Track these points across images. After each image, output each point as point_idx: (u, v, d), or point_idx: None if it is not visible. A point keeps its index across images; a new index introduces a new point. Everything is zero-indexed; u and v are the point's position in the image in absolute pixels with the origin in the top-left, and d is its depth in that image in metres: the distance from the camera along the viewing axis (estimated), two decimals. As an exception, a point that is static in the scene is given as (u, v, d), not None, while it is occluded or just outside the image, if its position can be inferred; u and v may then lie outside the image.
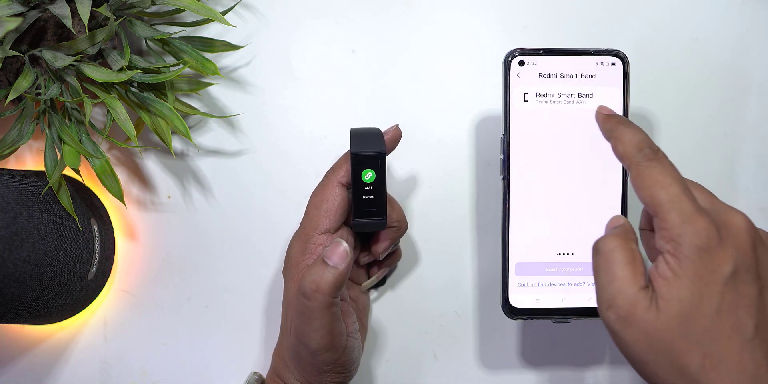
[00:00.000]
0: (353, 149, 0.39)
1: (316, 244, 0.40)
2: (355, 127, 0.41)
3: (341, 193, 0.40)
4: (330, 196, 0.40)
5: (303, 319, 0.38)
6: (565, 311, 0.41)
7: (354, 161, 0.39)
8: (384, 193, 0.39)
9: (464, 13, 0.48)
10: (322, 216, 0.40)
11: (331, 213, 0.40)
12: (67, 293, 0.43)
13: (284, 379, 0.41)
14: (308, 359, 0.39)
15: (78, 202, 0.44)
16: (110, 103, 0.41)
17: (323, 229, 0.40)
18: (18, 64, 0.42)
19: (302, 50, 0.48)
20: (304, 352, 0.39)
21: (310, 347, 0.38)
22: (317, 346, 0.38)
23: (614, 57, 0.41)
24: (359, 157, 0.39)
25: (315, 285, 0.37)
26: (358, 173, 0.39)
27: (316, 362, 0.39)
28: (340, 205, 0.40)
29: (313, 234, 0.40)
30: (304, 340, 0.38)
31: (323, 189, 0.40)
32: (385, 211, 0.40)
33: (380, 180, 0.39)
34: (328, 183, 0.40)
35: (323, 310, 0.37)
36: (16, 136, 0.42)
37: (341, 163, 0.41)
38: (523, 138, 0.41)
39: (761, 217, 0.48)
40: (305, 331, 0.38)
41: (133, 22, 0.42)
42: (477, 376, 0.48)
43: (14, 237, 0.38)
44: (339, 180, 0.40)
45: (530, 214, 0.41)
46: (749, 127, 0.48)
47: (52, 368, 0.48)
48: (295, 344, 0.39)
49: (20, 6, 0.39)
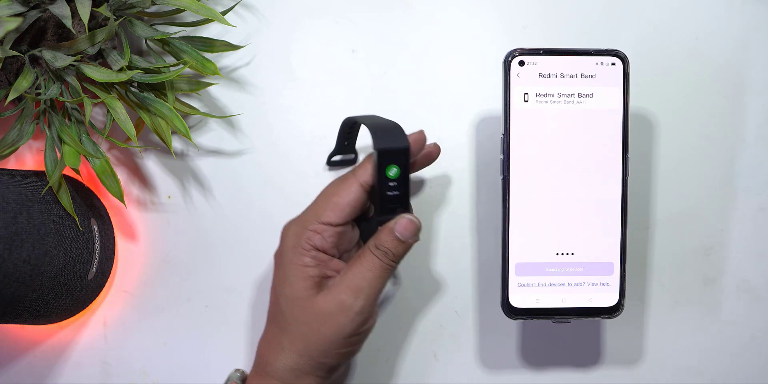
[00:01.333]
0: (377, 145, 0.38)
1: (314, 231, 0.39)
2: (366, 119, 0.40)
3: (357, 191, 0.39)
4: (344, 191, 0.39)
5: (363, 271, 0.39)
6: (566, 311, 0.41)
7: (379, 156, 0.38)
8: (408, 189, 0.39)
9: (464, 13, 0.48)
10: (330, 207, 0.39)
11: (339, 207, 0.39)
12: (67, 293, 0.43)
13: (270, 367, 0.40)
14: (340, 322, 0.38)
15: (78, 202, 0.44)
16: (110, 103, 0.41)
17: (326, 220, 0.39)
18: (18, 64, 0.42)
19: (302, 50, 0.48)
20: (348, 310, 0.38)
21: (362, 303, 0.38)
22: (365, 303, 0.38)
23: (614, 57, 0.41)
24: (384, 152, 0.38)
25: (394, 256, 0.39)
26: (383, 168, 0.38)
27: (343, 328, 0.38)
28: (350, 202, 0.39)
29: (313, 221, 0.39)
30: (362, 295, 0.38)
31: (341, 183, 0.40)
32: (410, 206, 0.39)
33: (404, 175, 0.38)
34: (347, 178, 0.40)
35: (390, 272, 0.39)
36: (16, 136, 0.42)
37: (365, 164, 0.40)
38: (523, 138, 0.41)
39: (761, 217, 0.48)
40: (365, 287, 0.38)
41: (133, 22, 0.42)
42: (477, 376, 0.48)
43: (14, 237, 0.38)
44: (359, 179, 0.39)
45: (530, 214, 0.41)
46: (749, 127, 0.48)
47: (52, 368, 0.48)
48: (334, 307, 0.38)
49: (20, 6, 0.39)
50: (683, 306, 0.48)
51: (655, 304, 0.48)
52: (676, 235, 0.48)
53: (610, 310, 0.41)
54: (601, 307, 0.41)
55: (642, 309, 0.48)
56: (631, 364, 0.48)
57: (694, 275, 0.48)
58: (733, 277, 0.48)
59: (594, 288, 0.41)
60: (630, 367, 0.48)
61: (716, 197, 0.48)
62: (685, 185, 0.48)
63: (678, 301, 0.48)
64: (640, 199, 0.47)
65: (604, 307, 0.41)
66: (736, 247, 0.48)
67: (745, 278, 0.48)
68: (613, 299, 0.41)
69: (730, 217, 0.48)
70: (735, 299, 0.48)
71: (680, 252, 0.48)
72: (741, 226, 0.48)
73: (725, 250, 0.48)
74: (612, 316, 0.41)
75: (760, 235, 0.48)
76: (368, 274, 0.39)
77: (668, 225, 0.48)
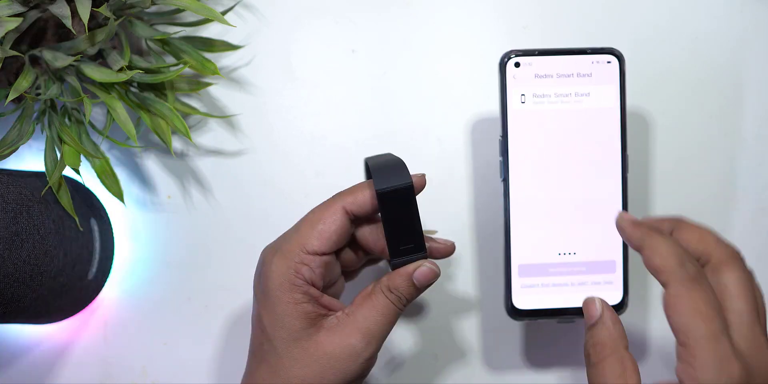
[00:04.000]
0: (377, 186, 0.35)
1: (302, 263, 0.36)
2: (369, 157, 0.38)
3: (341, 218, 0.37)
4: (329, 218, 0.37)
5: (376, 315, 0.36)
6: (570, 311, 0.41)
7: (381, 199, 0.35)
8: (419, 227, 0.36)
9: (464, 13, 0.48)
10: (315, 236, 0.36)
11: (325, 236, 0.36)
12: (67, 293, 0.43)
13: None
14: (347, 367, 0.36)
15: (78, 202, 0.44)
16: (110, 103, 0.41)
17: (312, 250, 0.36)
18: (18, 64, 0.42)
19: (302, 50, 0.48)
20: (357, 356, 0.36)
21: (373, 349, 0.36)
22: (375, 349, 0.36)
23: (610, 55, 0.41)
24: (386, 194, 0.35)
25: (407, 301, 0.36)
26: (388, 211, 0.36)
27: (350, 374, 0.36)
28: (336, 231, 0.37)
29: (298, 252, 0.36)
30: (374, 339, 0.36)
31: (325, 209, 0.37)
32: (424, 244, 0.37)
33: (412, 213, 0.36)
34: (332, 204, 0.37)
35: (398, 313, 0.37)
36: (16, 136, 0.42)
37: (353, 191, 0.37)
38: (522, 139, 0.41)
39: (761, 217, 0.48)
40: (377, 332, 0.36)
41: (133, 22, 0.42)
42: (477, 376, 0.48)
43: (14, 237, 0.38)
44: (345, 206, 0.37)
45: (531, 215, 0.41)
46: (749, 127, 0.48)
47: (52, 368, 0.48)
48: (342, 351, 0.36)
49: (20, 6, 0.39)
50: (683, 306, 0.48)
51: (656, 304, 0.48)
52: (676, 235, 0.48)
53: (615, 308, 0.41)
54: None
55: (643, 309, 0.48)
56: (631, 364, 0.48)
57: (694, 275, 0.48)
58: (733, 277, 0.48)
59: (597, 287, 0.41)
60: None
61: (716, 197, 0.48)
62: (684, 185, 0.48)
63: (678, 301, 0.48)
64: (640, 200, 0.47)
65: None
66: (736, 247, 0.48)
67: (745, 278, 0.48)
68: (617, 297, 0.41)
69: (730, 217, 0.48)
70: (735, 299, 0.48)
71: (680, 252, 0.48)
72: (741, 226, 0.48)
73: (725, 250, 0.48)
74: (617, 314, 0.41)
75: (760, 235, 0.48)
76: (380, 319, 0.36)
77: (668, 225, 0.48)
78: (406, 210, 0.36)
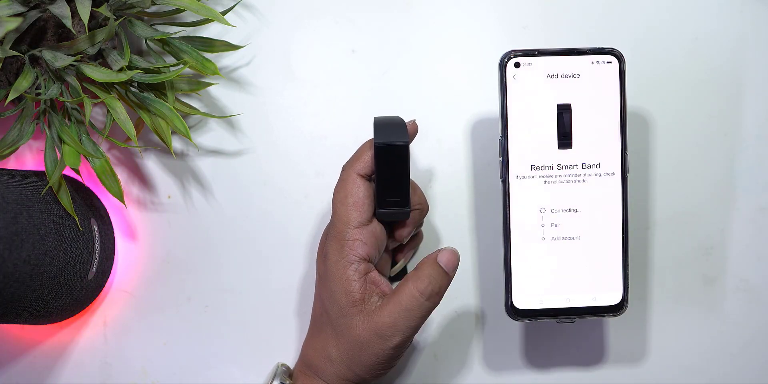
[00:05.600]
0: (376, 139, 0.39)
1: (352, 239, 0.40)
2: (378, 117, 0.41)
3: (363, 184, 0.40)
4: (353, 189, 0.40)
5: (407, 313, 0.39)
6: (570, 311, 0.41)
7: (377, 151, 0.39)
8: (407, 183, 0.39)
9: (464, 13, 0.48)
10: (351, 210, 0.40)
11: (359, 206, 0.40)
12: (67, 293, 0.43)
13: (319, 372, 0.41)
14: (377, 352, 0.39)
15: (78, 202, 0.44)
16: (110, 103, 0.41)
17: (356, 224, 0.40)
18: (18, 64, 0.42)
19: (302, 50, 0.48)
20: (384, 344, 0.39)
21: (399, 340, 0.39)
22: (402, 339, 0.39)
23: (610, 55, 0.41)
24: (382, 147, 0.39)
25: (439, 289, 0.39)
26: (382, 163, 0.39)
27: (387, 352, 0.39)
28: (365, 196, 0.40)
29: (346, 230, 0.40)
30: (398, 332, 0.39)
31: (344, 184, 0.40)
32: (409, 200, 0.40)
33: (403, 169, 0.39)
34: (347, 177, 0.40)
35: (430, 310, 0.40)
36: (16, 136, 0.42)
37: (359, 155, 0.41)
38: (522, 139, 0.41)
39: (761, 217, 0.48)
40: (402, 326, 0.39)
41: (133, 22, 0.42)
42: (477, 376, 0.48)
43: (14, 237, 0.38)
44: (357, 172, 0.40)
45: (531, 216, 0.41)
46: (749, 127, 0.48)
47: (52, 368, 0.48)
48: (371, 337, 0.39)
49: (20, 6, 0.39)
50: (684, 306, 0.48)
51: (656, 304, 0.48)
52: (676, 235, 0.48)
53: (614, 309, 0.41)
54: (605, 306, 0.41)
55: (643, 309, 0.48)
56: (632, 363, 0.48)
57: (695, 275, 0.48)
58: (733, 277, 0.48)
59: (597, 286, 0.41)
60: (632, 366, 0.48)
61: (716, 197, 0.48)
62: (685, 185, 0.48)
63: (678, 301, 0.48)
64: (640, 200, 0.47)
65: (608, 306, 0.41)
66: (736, 247, 0.48)
67: (745, 278, 0.48)
68: (616, 297, 0.41)
69: (730, 217, 0.48)
70: (735, 299, 0.48)
71: (680, 252, 0.48)
72: (741, 226, 0.48)
73: (725, 250, 0.48)
74: (616, 314, 0.41)
75: (760, 235, 0.48)
76: (405, 314, 0.39)
77: (668, 225, 0.48)
78: (398, 165, 0.39)
